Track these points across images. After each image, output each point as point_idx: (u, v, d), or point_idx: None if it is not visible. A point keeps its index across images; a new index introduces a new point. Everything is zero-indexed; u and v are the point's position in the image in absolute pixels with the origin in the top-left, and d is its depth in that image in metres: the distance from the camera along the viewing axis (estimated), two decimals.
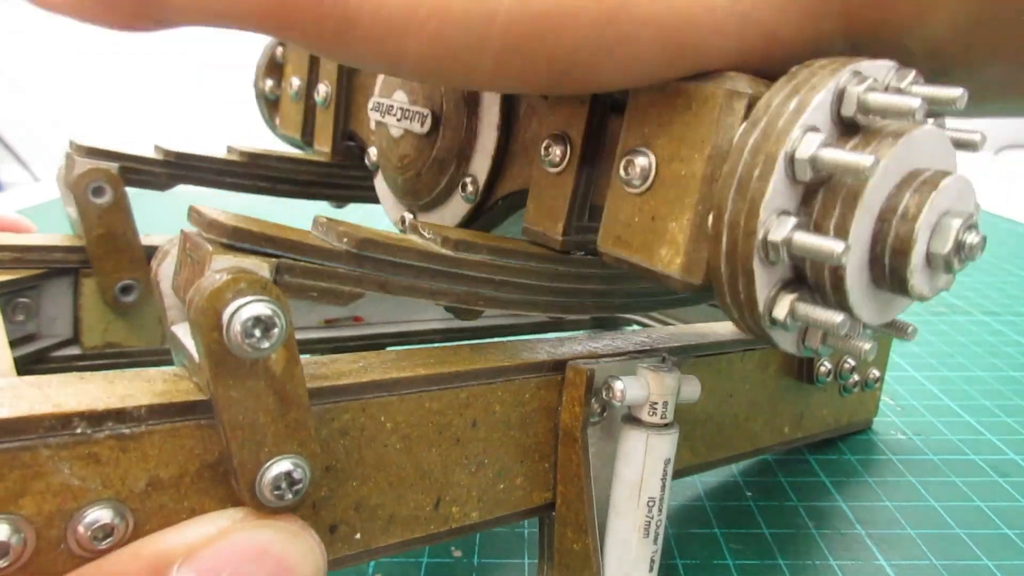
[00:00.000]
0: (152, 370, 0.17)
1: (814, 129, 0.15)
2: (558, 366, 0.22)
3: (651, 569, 0.22)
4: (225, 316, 0.15)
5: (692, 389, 0.22)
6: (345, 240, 0.17)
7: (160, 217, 0.34)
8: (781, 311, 0.16)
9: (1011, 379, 0.43)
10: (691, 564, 0.26)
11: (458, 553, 0.27)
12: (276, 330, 0.15)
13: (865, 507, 0.30)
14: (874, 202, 0.16)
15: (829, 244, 0.15)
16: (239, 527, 0.16)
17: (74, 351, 0.30)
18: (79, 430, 0.15)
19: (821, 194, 0.16)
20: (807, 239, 0.15)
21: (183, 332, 0.17)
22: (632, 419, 0.22)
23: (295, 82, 0.33)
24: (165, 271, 0.18)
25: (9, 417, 0.14)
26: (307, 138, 0.33)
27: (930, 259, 0.16)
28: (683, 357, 0.24)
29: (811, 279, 0.16)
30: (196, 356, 0.16)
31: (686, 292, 0.18)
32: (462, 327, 0.39)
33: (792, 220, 0.15)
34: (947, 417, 0.38)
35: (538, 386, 0.22)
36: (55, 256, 0.28)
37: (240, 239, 0.16)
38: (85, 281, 0.29)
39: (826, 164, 0.15)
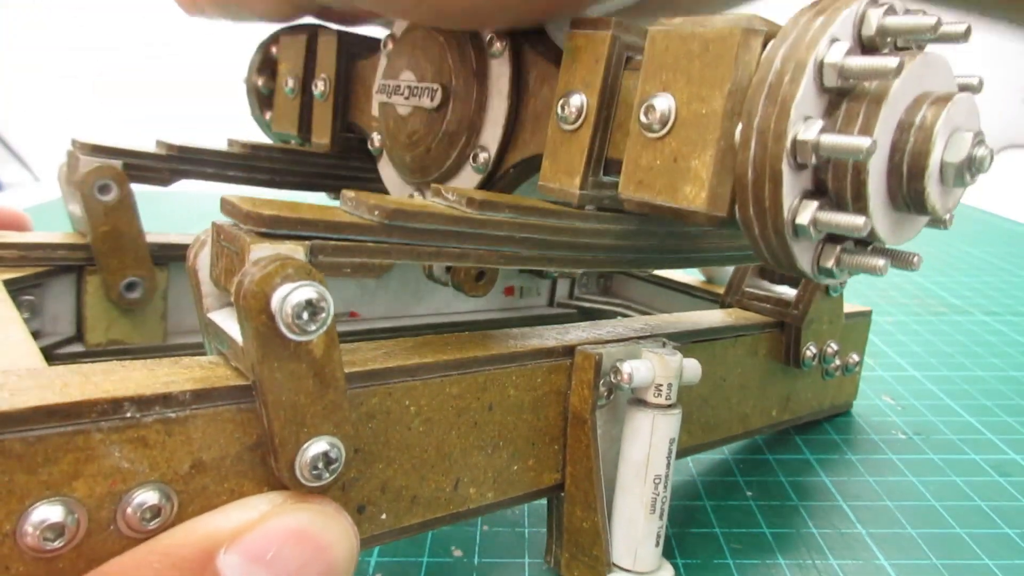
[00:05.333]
0: (188, 358, 0.18)
1: (839, 41, 0.17)
2: (567, 351, 0.23)
3: (657, 544, 0.23)
4: (275, 300, 0.15)
5: (693, 371, 0.24)
6: (377, 212, 0.18)
7: (159, 216, 0.35)
8: (804, 217, 0.17)
9: (1011, 379, 0.43)
10: (691, 564, 0.27)
11: (458, 553, 0.27)
12: (323, 314, 0.16)
13: (866, 506, 0.30)
14: (895, 108, 0.17)
15: (857, 140, 0.16)
16: (279, 510, 0.16)
17: (78, 348, 0.30)
18: (129, 414, 0.15)
19: (844, 104, 0.17)
20: (835, 138, 0.16)
21: (221, 318, 0.18)
22: (638, 401, 0.23)
23: (290, 79, 0.33)
24: (202, 260, 0.18)
25: (65, 402, 0.15)
26: (304, 133, 0.34)
27: (944, 169, 0.17)
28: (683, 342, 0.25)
29: (832, 189, 0.17)
30: (239, 340, 0.16)
31: (709, 226, 0.19)
32: (455, 322, 0.40)
33: (819, 123, 0.16)
34: (948, 417, 0.38)
35: (549, 371, 0.23)
36: (59, 254, 0.29)
37: (278, 226, 0.17)
38: (89, 279, 0.29)
39: (853, 70, 0.16)
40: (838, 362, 0.34)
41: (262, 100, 0.36)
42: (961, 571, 0.26)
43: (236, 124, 0.37)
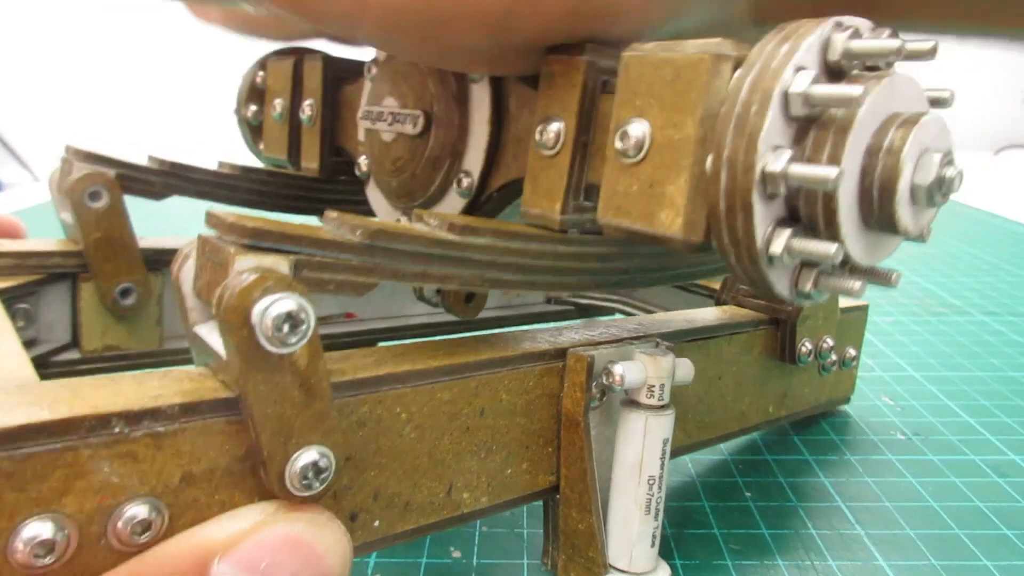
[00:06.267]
0: (177, 370, 0.18)
1: (804, 69, 0.16)
2: (559, 354, 0.23)
3: (653, 544, 0.23)
4: (255, 313, 0.15)
5: (686, 371, 0.24)
6: (359, 232, 0.18)
7: (151, 222, 0.35)
8: (778, 246, 0.17)
9: (1011, 379, 0.43)
10: (691, 564, 0.27)
11: (457, 553, 0.27)
12: (304, 326, 0.16)
13: (865, 507, 0.30)
14: (862, 135, 0.17)
15: (824, 170, 0.16)
16: (272, 520, 0.16)
17: (74, 355, 0.30)
18: (117, 429, 0.15)
19: (813, 132, 0.17)
20: (803, 168, 0.16)
21: (206, 332, 0.18)
22: (631, 402, 0.23)
23: (278, 104, 0.33)
24: (186, 273, 0.18)
25: (53, 419, 0.15)
26: (293, 158, 0.33)
27: (914, 191, 0.17)
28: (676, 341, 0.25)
29: (805, 216, 0.17)
30: (223, 354, 0.17)
31: (686, 251, 0.19)
32: (452, 321, 0.40)
33: (788, 152, 0.16)
34: (947, 417, 0.38)
35: (541, 374, 0.23)
36: (53, 261, 0.29)
37: (261, 239, 0.17)
38: (83, 285, 0.29)
39: (818, 98, 0.16)
40: (834, 357, 0.33)
41: (254, 131, 0.36)
42: (960, 572, 0.26)
43: (234, 124, 0.37)
